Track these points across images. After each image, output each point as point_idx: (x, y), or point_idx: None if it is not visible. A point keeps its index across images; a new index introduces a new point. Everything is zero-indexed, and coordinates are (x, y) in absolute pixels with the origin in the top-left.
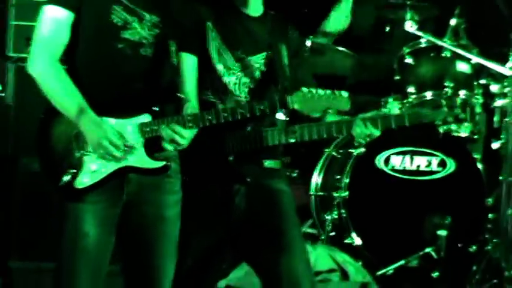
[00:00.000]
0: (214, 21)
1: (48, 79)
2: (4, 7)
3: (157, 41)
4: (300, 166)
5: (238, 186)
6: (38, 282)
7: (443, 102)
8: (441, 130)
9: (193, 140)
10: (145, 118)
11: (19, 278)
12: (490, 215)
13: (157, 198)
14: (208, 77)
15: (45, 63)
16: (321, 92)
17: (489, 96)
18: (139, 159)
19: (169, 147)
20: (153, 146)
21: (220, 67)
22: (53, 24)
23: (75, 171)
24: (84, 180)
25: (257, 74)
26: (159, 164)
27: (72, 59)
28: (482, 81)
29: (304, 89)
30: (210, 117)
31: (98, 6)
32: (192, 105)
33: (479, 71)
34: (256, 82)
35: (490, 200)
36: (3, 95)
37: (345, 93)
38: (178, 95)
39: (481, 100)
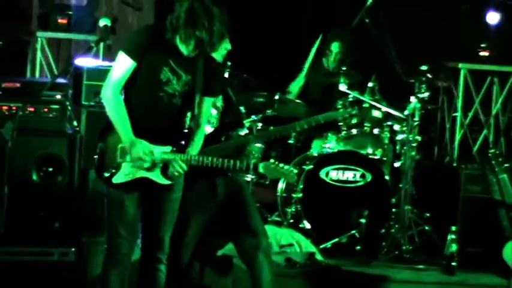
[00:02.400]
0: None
1: (111, 107)
2: (81, 72)
3: (185, 94)
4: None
5: (219, 179)
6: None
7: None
8: (364, 152)
9: None
10: (167, 149)
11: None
12: (393, 209)
13: (166, 204)
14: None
15: (111, 93)
16: (281, 165)
17: (393, 133)
18: (156, 175)
19: (172, 173)
20: (166, 168)
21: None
22: (121, 67)
23: (114, 171)
24: (118, 178)
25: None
26: (168, 181)
27: (129, 93)
28: (389, 123)
29: (272, 160)
30: (207, 162)
31: (153, 63)
32: (196, 145)
33: (387, 116)
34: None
35: (393, 200)
36: (78, 129)
37: (294, 170)
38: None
39: (388, 135)
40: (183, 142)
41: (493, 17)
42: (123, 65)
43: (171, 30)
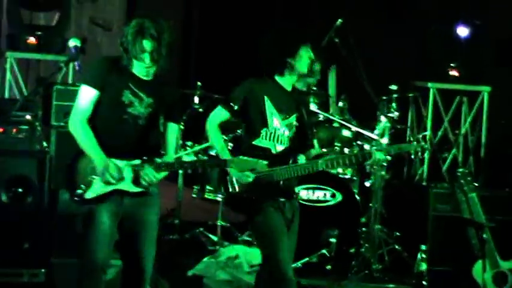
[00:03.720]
0: (267, 95)
1: (80, 136)
2: (50, 92)
3: (150, 116)
4: None
5: (284, 200)
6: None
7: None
8: (334, 172)
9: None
10: (137, 162)
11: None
12: (363, 229)
13: (142, 209)
14: (263, 130)
15: (79, 123)
16: (250, 159)
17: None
18: (127, 185)
19: (143, 182)
20: (138, 178)
21: (271, 124)
22: (85, 98)
23: (85, 187)
24: (90, 194)
25: (293, 130)
26: (139, 189)
27: (95, 120)
28: (359, 142)
29: (240, 156)
30: (176, 166)
31: (114, 87)
32: (168, 158)
33: (357, 135)
34: (293, 134)
35: (363, 219)
36: (47, 149)
37: (264, 162)
38: (161, 151)
39: None
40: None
41: (462, 31)
42: (86, 96)
43: (124, 50)
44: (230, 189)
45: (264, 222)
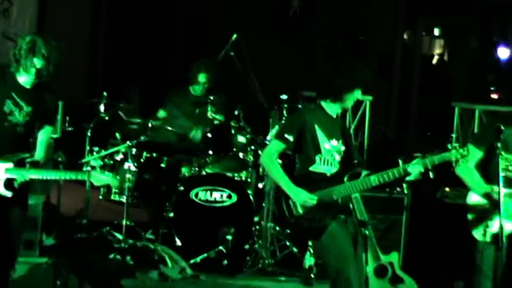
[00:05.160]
0: (316, 123)
1: None
2: None
3: (27, 123)
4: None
5: (344, 217)
6: None
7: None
8: (230, 175)
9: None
10: (10, 164)
11: None
12: (257, 227)
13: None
14: (317, 156)
15: None
16: (106, 173)
17: (257, 156)
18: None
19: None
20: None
21: (324, 149)
22: None
23: None
24: None
25: (342, 154)
26: (9, 193)
27: None
28: (253, 147)
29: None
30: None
31: None
32: (37, 155)
33: (251, 141)
34: (342, 157)
35: (257, 218)
36: None
37: (117, 177)
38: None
39: (252, 159)
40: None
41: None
42: None
43: (15, 61)
44: (294, 213)
45: (331, 241)
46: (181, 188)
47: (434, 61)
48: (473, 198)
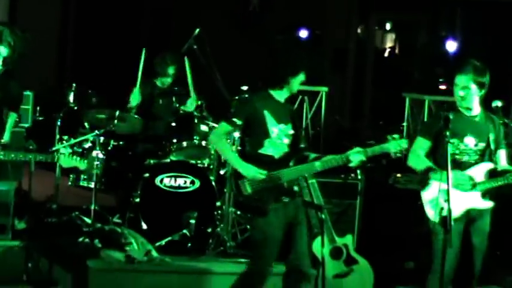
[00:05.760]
0: (266, 109)
1: None
2: None
3: None
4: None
5: (288, 199)
6: None
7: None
8: (193, 161)
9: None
10: None
11: None
12: (219, 211)
13: None
14: (266, 140)
15: None
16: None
17: None
18: None
19: None
20: None
21: (273, 134)
22: None
23: None
24: None
25: (290, 137)
26: None
27: None
28: None
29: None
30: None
31: None
32: (5, 139)
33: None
34: (290, 141)
35: (219, 203)
36: None
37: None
38: None
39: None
40: None
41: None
42: None
43: None
44: (243, 192)
45: (262, 227)
46: (147, 174)
47: (386, 54)
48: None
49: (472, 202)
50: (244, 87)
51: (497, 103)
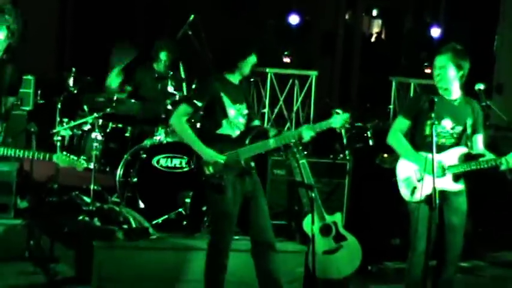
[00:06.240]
0: (222, 91)
1: None
2: None
3: None
4: (112, 164)
5: (245, 177)
6: None
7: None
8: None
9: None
10: None
11: None
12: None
13: None
14: (224, 120)
15: None
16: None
17: None
18: None
19: None
20: None
21: (230, 114)
22: None
23: None
24: None
25: (245, 117)
26: None
27: None
28: None
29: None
30: None
31: None
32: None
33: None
34: (245, 120)
35: None
36: None
37: (82, 160)
38: None
39: None
40: None
41: (294, 19)
42: None
43: None
44: (206, 172)
45: (220, 204)
46: (144, 155)
47: (373, 39)
48: (402, 165)
49: (444, 184)
50: None
51: (480, 86)
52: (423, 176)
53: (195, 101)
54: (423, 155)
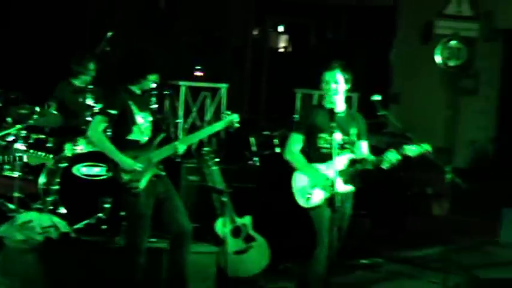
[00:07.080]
0: (130, 100)
1: None
2: None
3: None
4: (34, 173)
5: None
6: None
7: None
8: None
9: None
10: None
11: None
12: None
13: None
14: (133, 127)
15: None
16: (39, 153)
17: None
18: None
19: None
20: None
21: (137, 121)
22: None
23: None
24: None
25: (150, 123)
26: None
27: None
28: None
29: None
30: None
31: None
32: None
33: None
34: (151, 127)
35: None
36: None
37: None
38: None
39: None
40: None
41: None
42: None
43: None
44: (123, 178)
45: (134, 207)
46: (65, 164)
47: (280, 53)
48: (297, 176)
49: (339, 187)
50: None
51: (376, 97)
52: (314, 189)
53: (109, 110)
54: (316, 166)
